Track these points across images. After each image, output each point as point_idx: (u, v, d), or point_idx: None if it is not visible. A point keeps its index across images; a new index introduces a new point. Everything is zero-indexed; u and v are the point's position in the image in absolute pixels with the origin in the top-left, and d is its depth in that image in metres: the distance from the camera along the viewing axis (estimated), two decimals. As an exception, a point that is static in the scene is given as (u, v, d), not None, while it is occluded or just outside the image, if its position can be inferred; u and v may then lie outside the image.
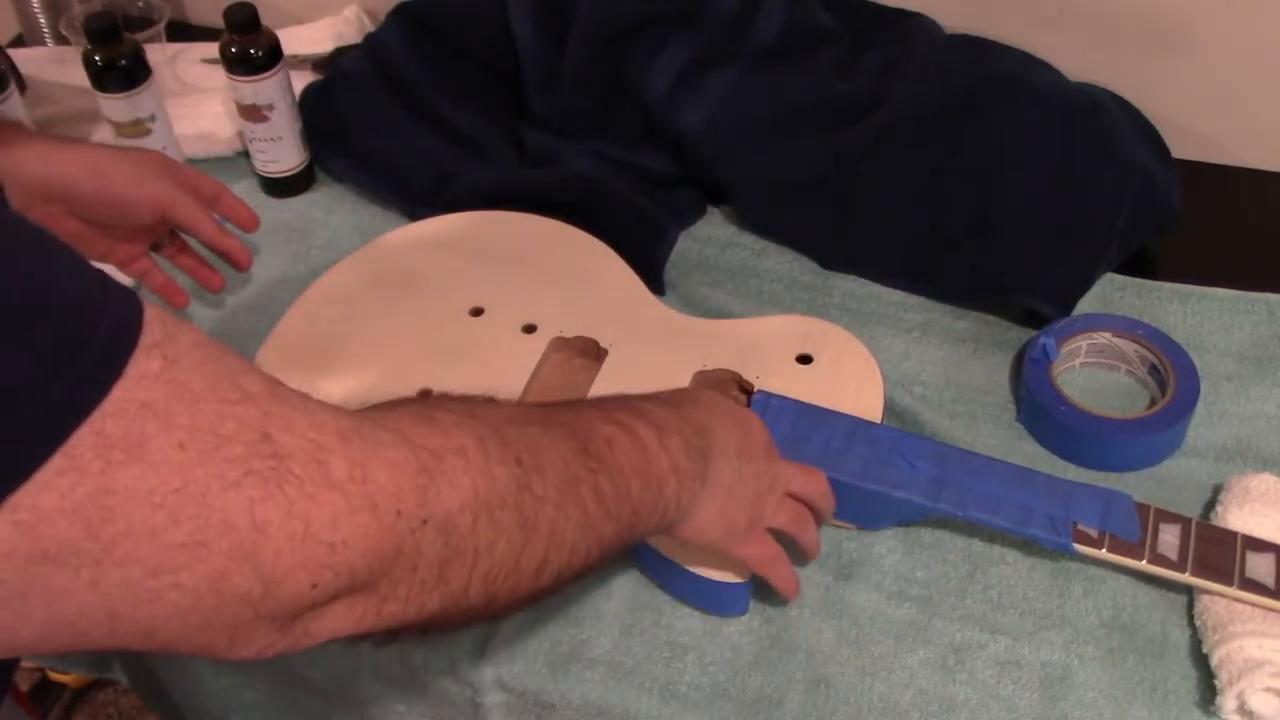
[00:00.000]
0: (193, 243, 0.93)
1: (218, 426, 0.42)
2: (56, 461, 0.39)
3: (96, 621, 0.41)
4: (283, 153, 1.07)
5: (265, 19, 1.02)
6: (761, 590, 0.78)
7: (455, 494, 0.49)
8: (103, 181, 0.83)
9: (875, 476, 0.78)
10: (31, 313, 0.39)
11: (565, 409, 0.62)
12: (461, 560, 0.50)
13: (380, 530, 0.46)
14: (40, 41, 1.29)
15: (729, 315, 0.93)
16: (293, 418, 0.45)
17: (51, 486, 0.39)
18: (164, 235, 0.92)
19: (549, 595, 0.58)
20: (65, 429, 0.39)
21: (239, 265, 0.93)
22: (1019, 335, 0.93)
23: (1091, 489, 0.77)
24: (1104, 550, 0.74)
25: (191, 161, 1.10)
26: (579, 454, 0.57)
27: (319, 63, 1.18)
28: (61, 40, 1.25)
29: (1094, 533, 0.74)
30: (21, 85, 1.14)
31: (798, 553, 0.76)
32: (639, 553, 0.78)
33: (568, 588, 0.59)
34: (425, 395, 0.85)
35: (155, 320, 0.42)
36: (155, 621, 0.42)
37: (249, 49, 1.01)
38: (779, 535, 0.73)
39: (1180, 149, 1.02)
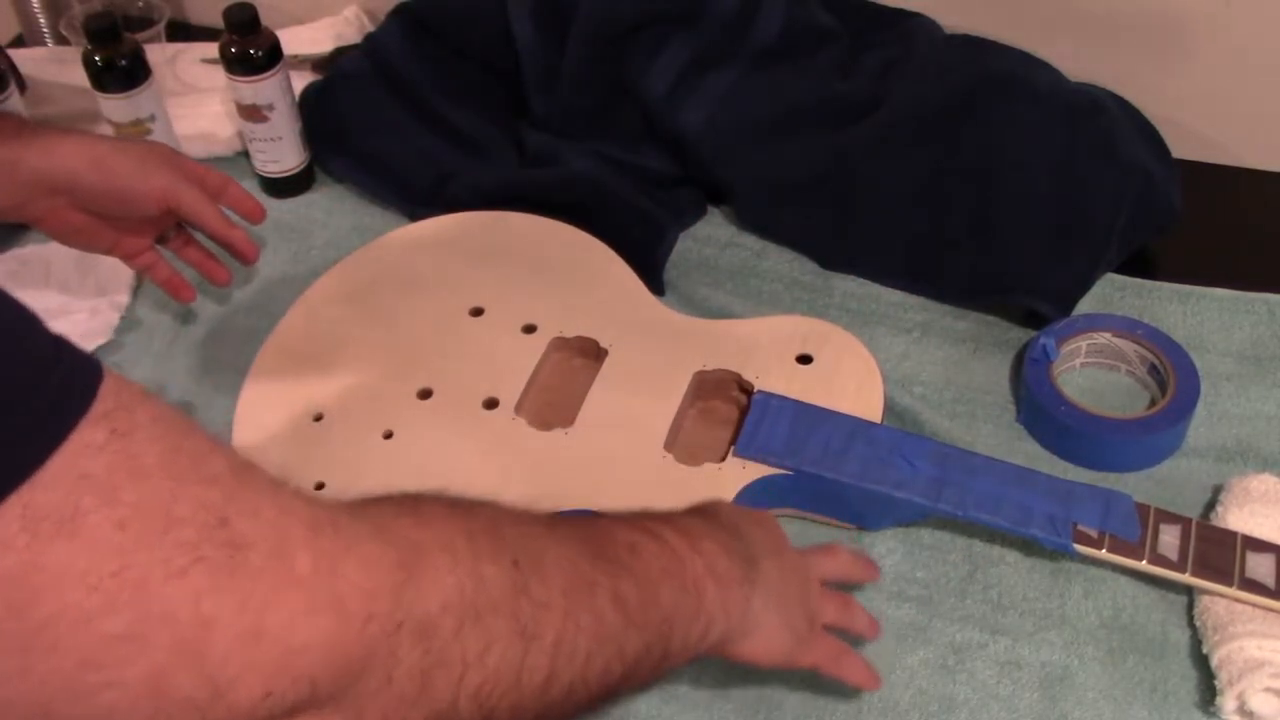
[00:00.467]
0: (199, 237, 0.92)
1: (170, 506, 0.39)
2: None
3: (28, 714, 0.38)
4: (283, 153, 1.07)
5: (265, 19, 1.02)
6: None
7: (437, 593, 0.44)
8: (106, 173, 0.83)
9: (875, 476, 0.78)
10: None
11: (576, 517, 0.57)
12: (447, 671, 0.45)
13: (347, 634, 0.41)
14: (40, 41, 1.29)
15: (729, 315, 0.93)
16: (259, 504, 0.41)
17: None
18: (170, 229, 0.91)
19: (573, 717, 0.51)
20: None
21: (245, 258, 0.91)
22: (1019, 335, 0.93)
23: (1091, 489, 0.77)
24: (1104, 550, 0.74)
25: (191, 161, 1.10)
26: (592, 558, 0.52)
27: (319, 63, 1.18)
28: (61, 40, 1.25)
29: (1094, 533, 0.74)
30: (21, 85, 1.14)
31: (853, 637, 0.71)
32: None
33: (596, 709, 0.52)
34: (425, 395, 0.85)
35: (111, 391, 0.39)
36: None
37: (249, 49, 1.01)
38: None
39: (1180, 149, 1.02)
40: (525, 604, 0.47)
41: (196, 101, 1.16)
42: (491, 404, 0.84)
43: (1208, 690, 0.72)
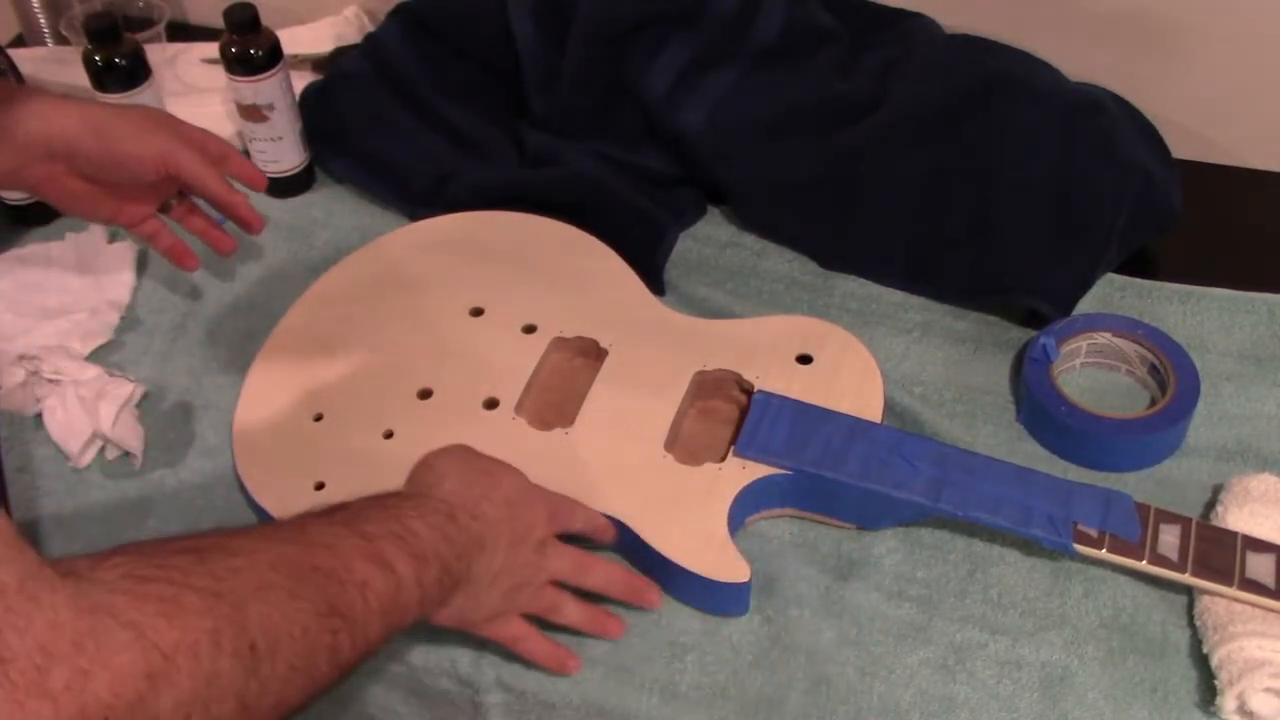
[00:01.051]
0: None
1: None
2: None
3: None
4: (283, 153, 1.07)
5: (265, 19, 1.02)
6: (762, 590, 0.78)
7: (172, 694, 0.49)
8: (104, 137, 0.82)
9: (875, 476, 0.78)
10: None
11: (331, 545, 0.61)
12: None
13: None
14: (40, 41, 1.29)
15: (729, 315, 0.93)
16: (32, 618, 0.45)
17: None
18: (172, 197, 0.91)
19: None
20: None
21: (249, 226, 0.90)
22: (1019, 335, 0.93)
23: (1091, 489, 0.77)
24: (1104, 550, 0.74)
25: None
26: (324, 617, 0.57)
27: (319, 63, 1.18)
28: (61, 40, 1.25)
29: (1094, 533, 0.74)
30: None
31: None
32: (637, 553, 0.78)
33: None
34: (425, 395, 0.85)
35: None
36: None
37: (249, 49, 1.01)
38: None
39: (1180, 149, 1.02)
40: (253, 686, 0.53)
41: (196, 101, 1.16)
42: (491, 404, 0.85)
43: (1208, 690, 0.72)
